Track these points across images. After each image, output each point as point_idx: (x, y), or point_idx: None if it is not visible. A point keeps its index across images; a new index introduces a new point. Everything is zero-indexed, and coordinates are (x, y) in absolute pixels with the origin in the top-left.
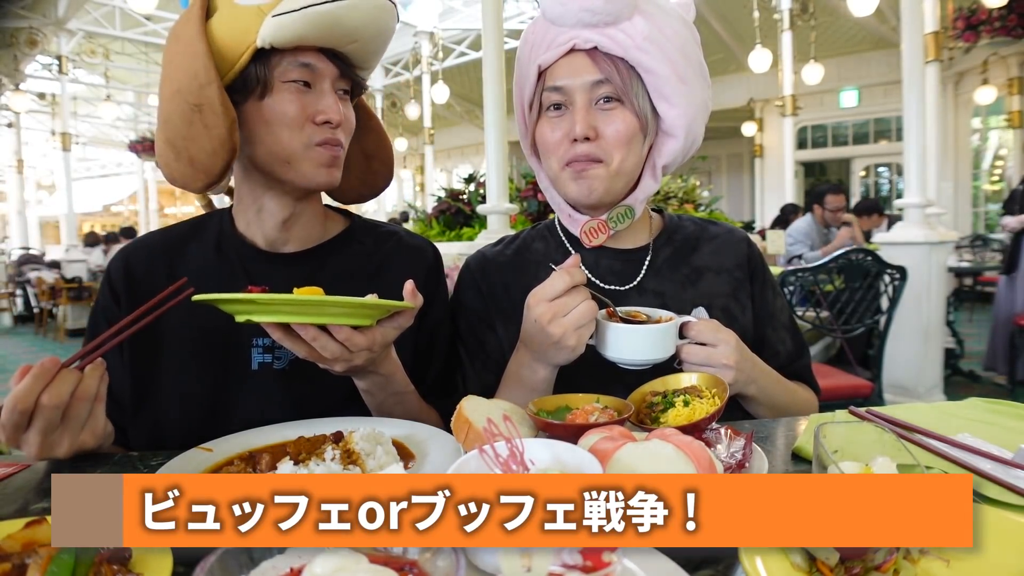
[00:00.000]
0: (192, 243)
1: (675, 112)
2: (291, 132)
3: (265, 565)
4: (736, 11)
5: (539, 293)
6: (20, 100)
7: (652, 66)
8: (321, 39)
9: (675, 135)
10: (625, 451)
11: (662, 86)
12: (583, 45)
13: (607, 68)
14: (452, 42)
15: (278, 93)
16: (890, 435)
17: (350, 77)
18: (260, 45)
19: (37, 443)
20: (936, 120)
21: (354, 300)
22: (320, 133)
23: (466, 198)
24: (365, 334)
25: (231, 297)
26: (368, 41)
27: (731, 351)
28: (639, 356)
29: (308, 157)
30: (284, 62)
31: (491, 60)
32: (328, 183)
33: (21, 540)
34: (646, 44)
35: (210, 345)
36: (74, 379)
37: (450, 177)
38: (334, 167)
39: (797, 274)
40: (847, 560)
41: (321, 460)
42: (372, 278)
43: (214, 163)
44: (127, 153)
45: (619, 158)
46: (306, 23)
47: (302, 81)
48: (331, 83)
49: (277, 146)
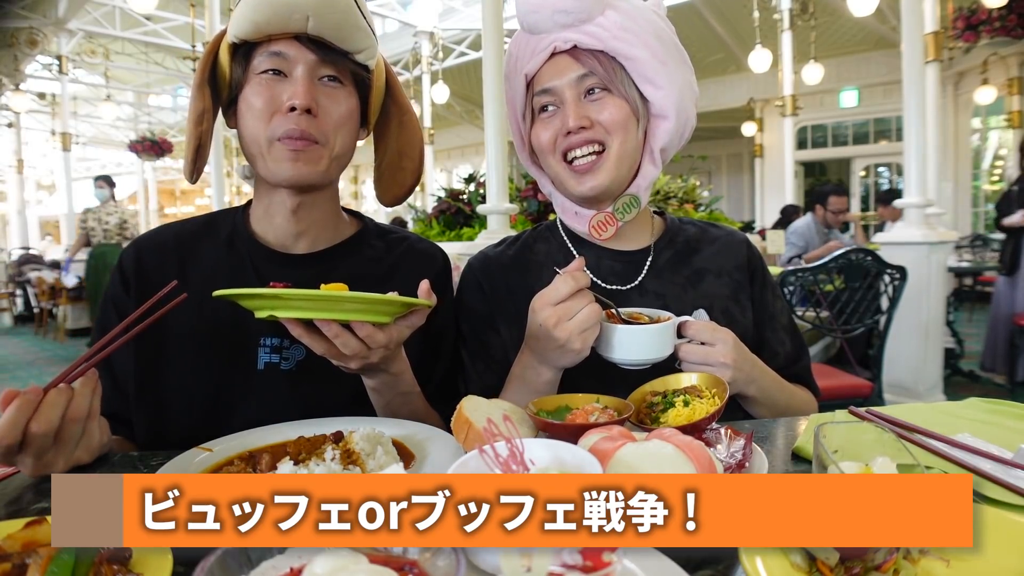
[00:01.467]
0: (205, 240)
1: (661, 93)
2: (257, 124)
3: (265, 565)
4: (736, 11)
5: (544, 297)
6: (20, 100)
7: (631, 52)
8: (276, 23)
9: (666, 116)
10: (625, 451)
11: (644, 70)
12: (563, 46)
13: (590, 62)
14: (452, 42)
15: (251, 85)
16: (890, 435)
17: (332, 61)
18: (230, 40)
19: (31, 465)
20: (936, 120)
21: (377, 296)
22: (284, 124)
23: (466, 198)
24: (384, 331)
25: (255, 292)
26: (323, 13)
27: (729, 350)
28: (638, 356)
29: (272, 152)
30: (259, 55)
31: (491, 60)
32: (293, 178)
33: (21, 540)
34: (622, 33)
35: (216, 344)
36: (63, 401)
37: (450, 177)
38: (299, 161)
39: (797, 274)
40: (847, 560)
41: (321, 460)
42: (382, 281)
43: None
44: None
45: (619, 141)
46: (251, 8)
47: (274, 70)
48: (308, 70)
49: (250, 139)
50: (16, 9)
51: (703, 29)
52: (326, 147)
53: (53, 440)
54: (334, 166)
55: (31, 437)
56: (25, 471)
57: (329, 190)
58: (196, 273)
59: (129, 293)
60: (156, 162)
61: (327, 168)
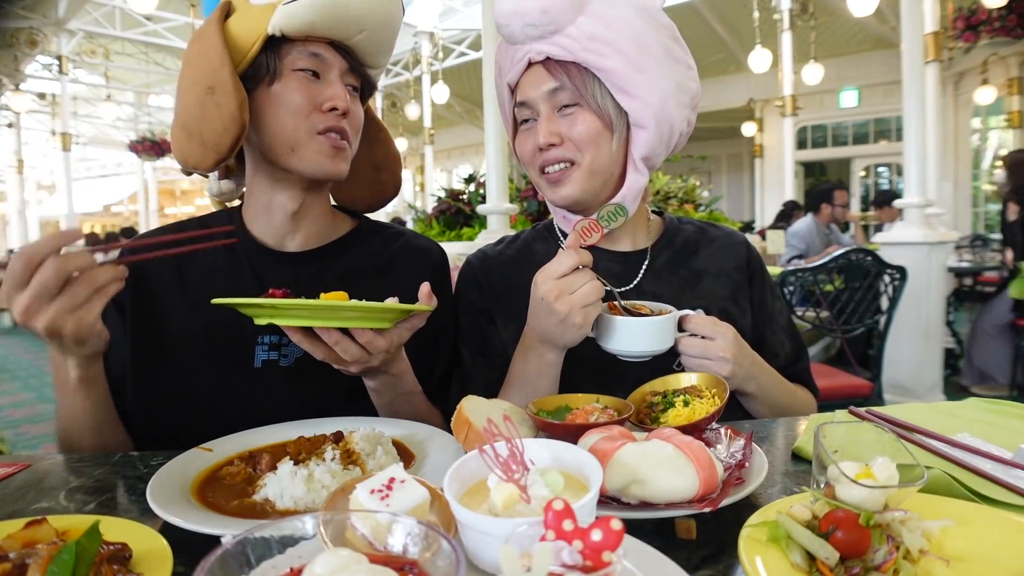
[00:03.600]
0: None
1: (637, 104)
2: (296, 119)
3: (265, 565)
4: (736, 11)
5: (546, 271)
6: (20, 100)
7: (602, 63)
8: (330, 28)
9: (644, 126)
10: (625, 451)
11: (617, 80)
12: (536, 57)
13: (560, 76)
14: (452, 42)
15: (286, 80)
16: (890, 435)
17: (359, 73)
18: (271, 32)
19: (24, 305)
20: (936, 120)
21: (376, 305)
22: (325, 121)
23: (466, 198)
24: (384, 336)
25: (253, 301)
26: (376, 30)
27: (729, 344)
28: (638, 348)
29: (312, 145)
30: (294, 51)
31: (491, 60)
32: (333, 173)
33: (21, 540)
34: (592, 44)
35: (214, 341)
36: (88, 260)
37: (450, 177)
38: (339, 158)
39: (797, 274)
40: (847, 560)
41: (321, 460)
42: (379, 277)
43: (223, 140)
44: (127, 153)
45: (589, 157)
46: (315, 10)
47: (310, 71)
48: (339, 75)
49: (283, 132)
50: (16, 9)
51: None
52: (350, 148)
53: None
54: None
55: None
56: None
57: (327, 188)
58: (193, 272)
59: (125, 292)
60: (156, 162)
61: (348, 167)
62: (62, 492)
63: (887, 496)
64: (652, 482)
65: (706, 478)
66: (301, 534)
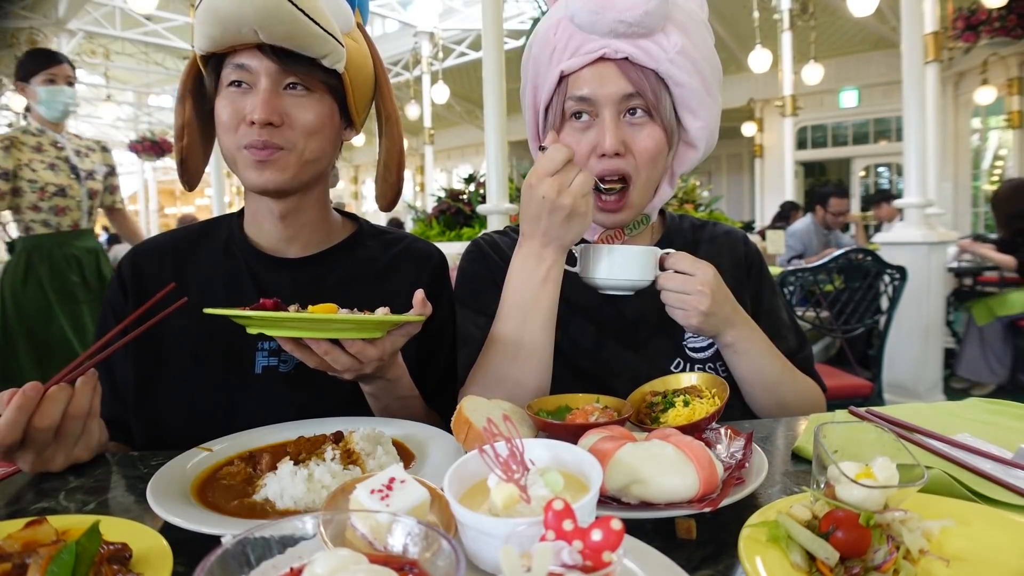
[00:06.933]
0: (202, 246)
1: (699, 124)
2: (227, 135)
3: (265, 565)
4: (736, 11)
5: (539, 171)
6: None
7: (683, 80)
8: (230, 37)
9: (696, 146)
10: (625, 451)
11: (690, 99)
12: (613, 55)
13: (638, 81)
14: (452, 42)
15: (220, 97)
16: (890, 435)
17: (295, 69)
18: (197, 52)
19: (31, 461)
20: (936, 120)
21: (365, 317)
22: (248, 135)
23: (466, 198)
24: (376, 345)
25: (243, 313)
26: (268, 26)
27: (708, 279)
28: (619, 276)
29: (239, 159)
30: (226, 67)
31: (491, 60)
32: (261, 185)
33: (21, 540)
34: (679, 58)
35: (214, 348)
36: (64, 397)
37: (450, 177)
38: (266, 170)
39: (797, 274)
40: (847, 560)
41: (321, 460)
42: (378, 281)
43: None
44: (127, 153)
45: (645, 176)
46: (203, 23)
47: (239, 82)
48: (271, 81)
49: (223, 149)
50: (16, 9)
51: None
52: (293, 152)
53: (54, 436)
54: (305, 171)
55: (33, 433)
56: (25, 467)
57: (314, 194)
58: (194, 279)
59: (127, 299)
60: (156, 162)
61: (296, 173)
62: (62, 492)
63: (887, 496)
64: (652, 482)
65: (706, 478)
66: (301, 534)
